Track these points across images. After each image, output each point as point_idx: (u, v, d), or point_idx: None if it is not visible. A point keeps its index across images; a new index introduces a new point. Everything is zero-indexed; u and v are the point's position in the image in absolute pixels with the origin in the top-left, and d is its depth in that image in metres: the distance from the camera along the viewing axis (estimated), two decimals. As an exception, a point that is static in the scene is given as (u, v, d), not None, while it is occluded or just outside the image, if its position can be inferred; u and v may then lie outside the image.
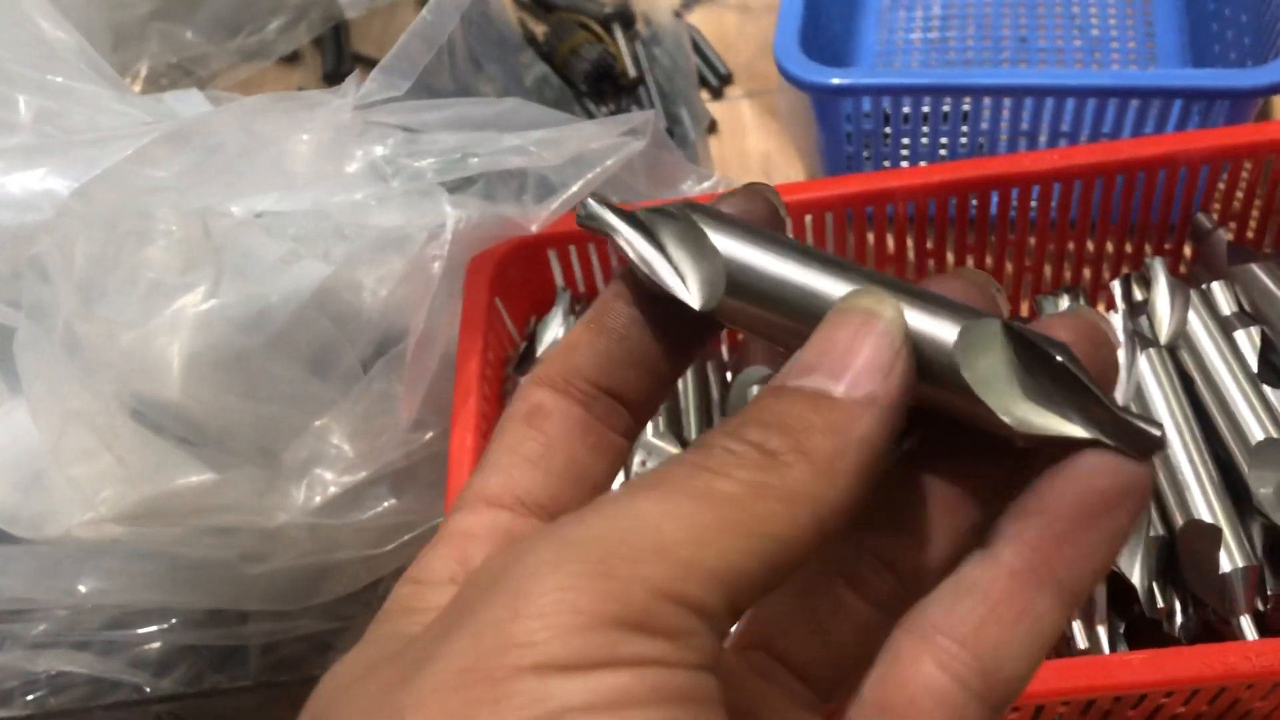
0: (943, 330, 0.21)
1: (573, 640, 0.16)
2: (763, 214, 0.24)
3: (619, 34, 0.87)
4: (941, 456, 0.22)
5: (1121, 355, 0.53)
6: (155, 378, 0.48)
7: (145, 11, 0.81)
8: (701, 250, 0.22)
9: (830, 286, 0.21)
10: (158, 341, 0.48)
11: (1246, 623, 0.46)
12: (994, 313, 0.22)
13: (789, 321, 0.22)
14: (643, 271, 0.23)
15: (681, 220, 0.23)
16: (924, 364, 0.21)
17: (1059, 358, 0.20)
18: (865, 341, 0.20)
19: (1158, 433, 0.20)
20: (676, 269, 0.23)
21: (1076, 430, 0.20)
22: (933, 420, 0.22)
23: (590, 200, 0.23)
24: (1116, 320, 0.55)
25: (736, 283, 0.22)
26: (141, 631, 0.53)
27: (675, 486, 0.18)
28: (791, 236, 0.24)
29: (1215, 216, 0.61)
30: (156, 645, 0.53)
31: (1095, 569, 0.20)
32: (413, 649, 0.18)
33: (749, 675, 0.22)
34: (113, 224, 0.48)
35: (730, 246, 0.22)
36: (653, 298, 0.23)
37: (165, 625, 0.53)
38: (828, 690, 0.22)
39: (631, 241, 0.23)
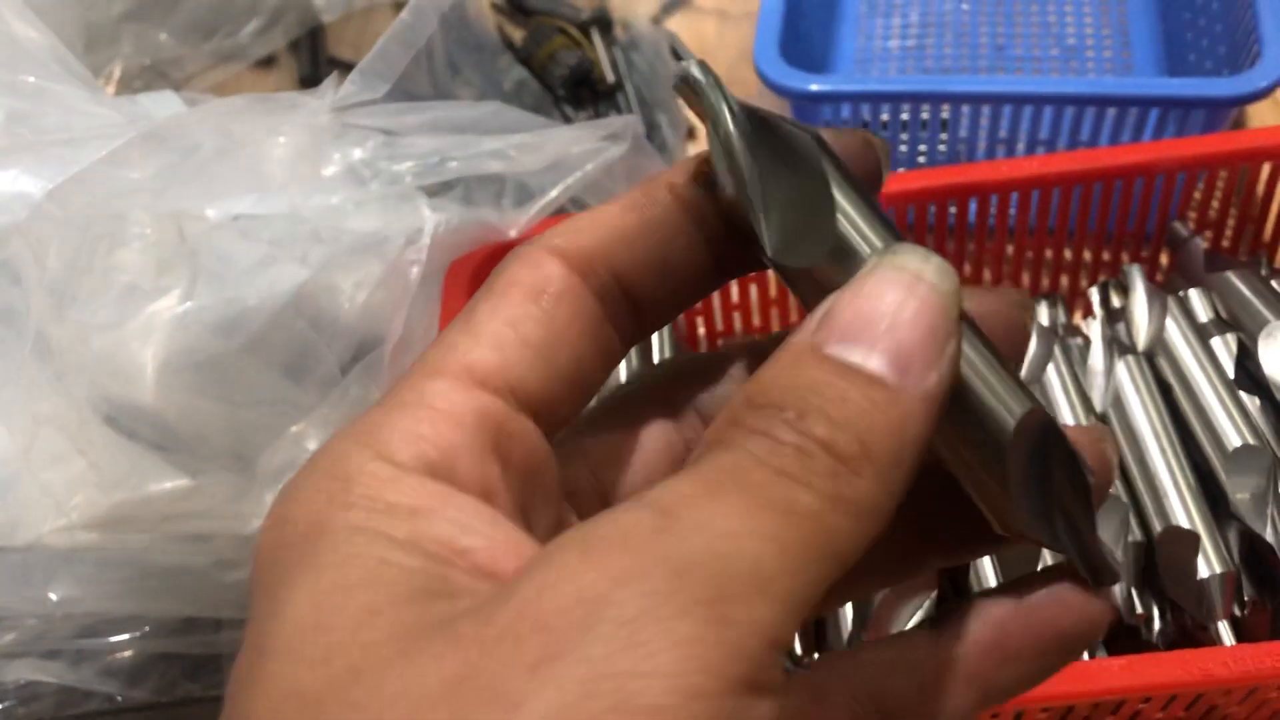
0: (1006, 409, 0.19)
1: (700, 709, 0.14)
2: (869, 169, 0.22)
3: (597, 39, 0.87)
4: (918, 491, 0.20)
5: (1100, 362, 0.53)
6: (128, 382, 0.48)
7: (118, 13, 0.80)
8: (812, 195, 0.19)
9: None
10: (131, 345, 0.48)
11: (1224, 628, 0.46)
12: (1023, 338, 0.22)
13: None
14: (723, 182, 0.20)
15: (803, 148, 0.19)
16: (993, 424, 0.19)
17: (1086, 476, 0.20)
18: (918, 314, 0.17)
19: (1117, 569, 0.21)
20: (769, 200, 0.19)
21: (1059, 546, 0.20)
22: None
23: (692, 63, 0.20)
24: (1095, 327, 0.55)
25: (835, 249, 0.19)
26: (113, 640, 0.52)
27: (760, 499, 0.16)
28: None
29: (1191, 224, 0.62)
30: (128, 654, 0.53)
31: (1020, 690, 0.21)
32: (487, 666, 0.15)
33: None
34: (86, 226, 0.47)
35: (846, 206, 0.19)
36: (713, 203, 0.20)
37: (138, 634, 0.52)
38: None
39: (730, 140, 0.20)
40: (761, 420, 0.17)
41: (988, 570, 0.48)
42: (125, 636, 0.52)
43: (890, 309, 0.17)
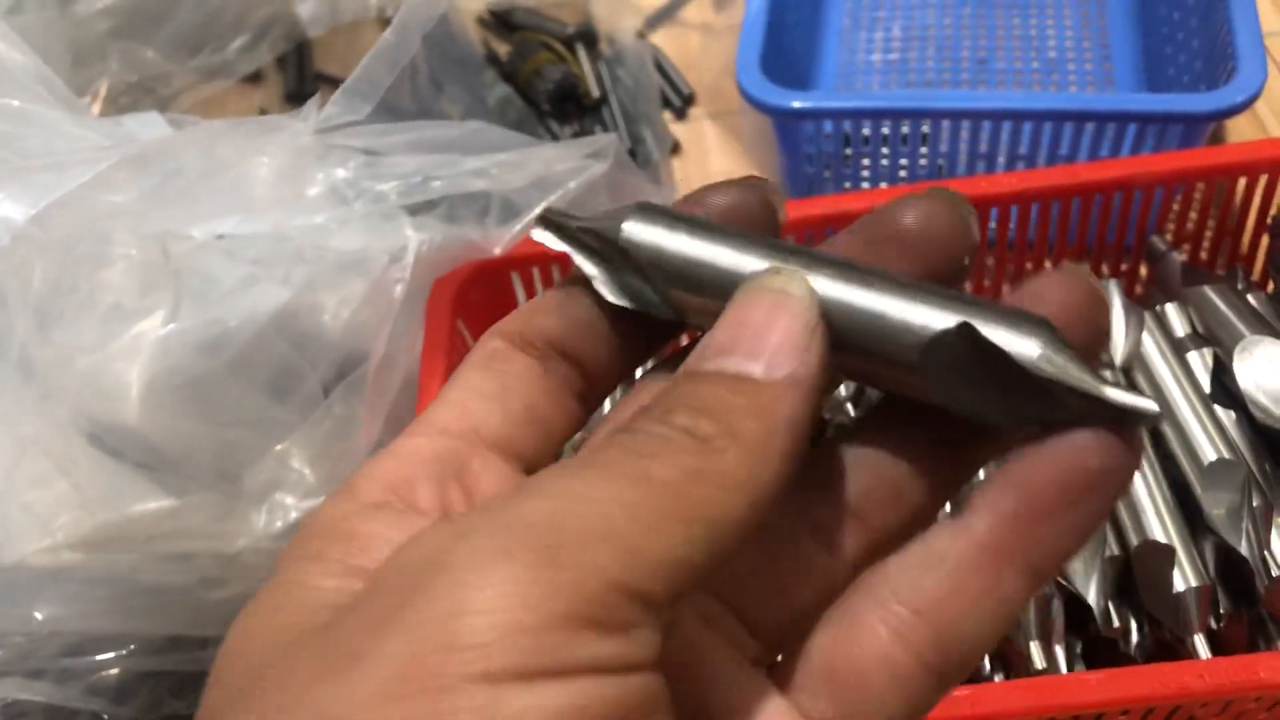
0: (922, 319, 0.20)
1: (524, 641, 0.15)
2: (757, 210, 0.23)
3: (582, 54, 0.87)
4: (919, 412, 0.21)
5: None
6: (113, 402, 0.48)
7: (105, 30, 0.80)
8: (654, 254, 0.21)
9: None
10: (116, 366, 0.48)
11: (1200, 642, 0.46)
12: (969, 242, 0.21)
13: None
14: (598, 289, 0.22)
15: (630, 221, 0.22)
16: (898, 352, 0.20)
17: (1039, 347, 0.19)
18: (779, 320, 0.19)
19: (1154, 409, 0.19)
20: (629, 282, 0.22)
21: (1063, 416, 0.19)
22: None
23: (541, 220, 0.23)
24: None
25: (693, 283, 0.21)
26: (99, 658, 0.52)
27: (613, 470, 0.17)
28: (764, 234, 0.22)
29: (1170, 238, 0.62)
30: (114, 672, 0.53)
31: (1068, 550, 0.20)
32: (339, 636, 0.16)
33: (693, 620, 0.21)
34: (70, 248, 0.47)
35: (687, 245, 0.21)
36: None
37: (123, 652, 0.53)
38: (776, 643, 0.21)
39: (581, 264, 0.22)
40: (628, 423, 0.19)
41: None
42: (111, 655, 0.53)
43: (755, 322, 0.19)
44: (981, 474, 0.23)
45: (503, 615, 0.15)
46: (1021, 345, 0.19)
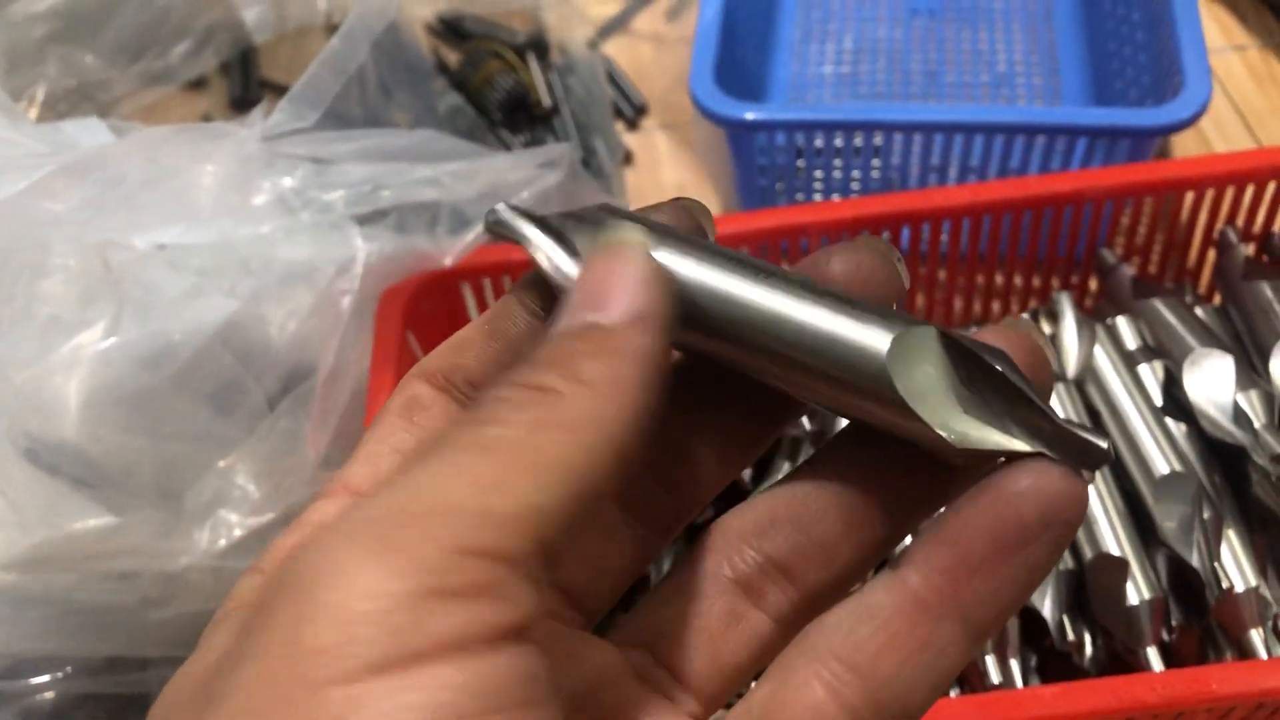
0: (873, 338, 0.19)
1: (370, 632, 0.15)
2: (688, 229, 0.23)
3: (533, 63, 0.87)
4: (855, 464, 0.21)
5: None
6: (51, 417, 0.47)
7: (43, 33, 0.78)
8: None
9: (752, 293, 0.20)
10: (54, 379, 0.47)
11: (1153, 654, 0.47)
12: (898, 288, 0.21)
13: (720, 333, 0.20)
14: (557, 280, 0.21)
15: (597, 224, 0.21)
16: (854, 375, 0.19)
17: (999, 367, 0.19)
18: (616, 269, 0.19)
19: (1104, 444, 0.19)
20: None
21: (1018, 444, 0.19)
22: (853, 430, 0.22)
23: (500, 206, 0.22)
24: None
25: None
26: (34, 681, 0.51)
27: (451, 446, 0.17)
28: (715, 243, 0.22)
29: (1119, 251, 0.63)
30: (50, 695, 0.51)
31: (1007, 604, 0.19)
32: (211, 682, 0.16)
33: (627, 676, 0.21)
34: (6, 258, 0.46)
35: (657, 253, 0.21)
36: (554, 308, 0.22)
37: (60, 674, 0.51)
38: (712, 700, 0.21)
39: (544, 249, 0.21)
40: (476, 397, 0.19)
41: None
42: (47, 678, 0.51)
43: (593, 276, 0.20)
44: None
45: (343, 611, 0.15)
46: (989, 357, 0.19)
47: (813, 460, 0.22)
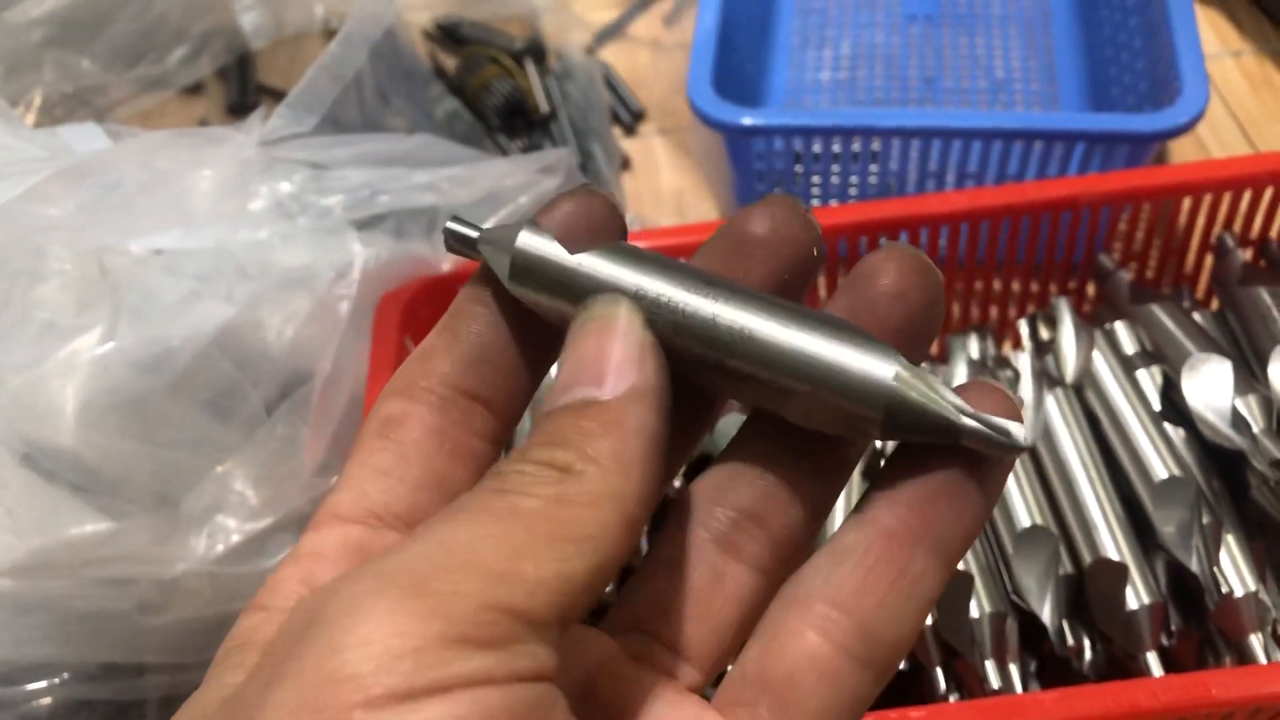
0: (874, 369, 0.21)
1: (401, 665, 0.16)
2: (601, 214, 0.23)
3: (531, 69, 0.87)
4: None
5: (1029, 394, 0.54)
6: (47, 423, 0.46)
7: (39, 39, 0.78)
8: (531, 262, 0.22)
9: (671, 291, 0.21)
10: (50, 385, 0.47)
11: (1153, 659, 0.46)
12: (813, 238, 0.23)
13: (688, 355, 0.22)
14: (520, 289, 0.22)
15: (516, 230, 0.22)
16: (858, 401, 0.21)
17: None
18: (610, 344, 0.20)
19: (1021, 434, 0.20)
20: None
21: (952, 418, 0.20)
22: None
23: (451, 224, 0.23)
24: (1024, 359, 0.56)
25: (567, 288, 0.22)
26: (31, 688, 0.50)
27: (480, 510, 0.18)
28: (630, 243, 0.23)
29: (1117, 257, 0.63)
30: (47, 701, 0.51)
31: (969, 528, 0.21)
32: (235, 704, 0.17)
33: (624, 662, 0.21)
34: (2, 263, 0.46)
35: (563, 255, 0.22)
36: (511, 301, 0.23)
37: (57, 680, 0.51)
38: (712, 665, 0.22)
39: (497, 262, 0.22)
40: (493, 469, 0.20)
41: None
42: (43, 684, 0.51)
43: (586, 351, 0.20)
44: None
45: (377, 645, 0.16)
46: (881, 369, 0.21)
47: (746, 432, 0.23)
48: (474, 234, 0.23)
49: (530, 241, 0.22)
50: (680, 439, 0.24)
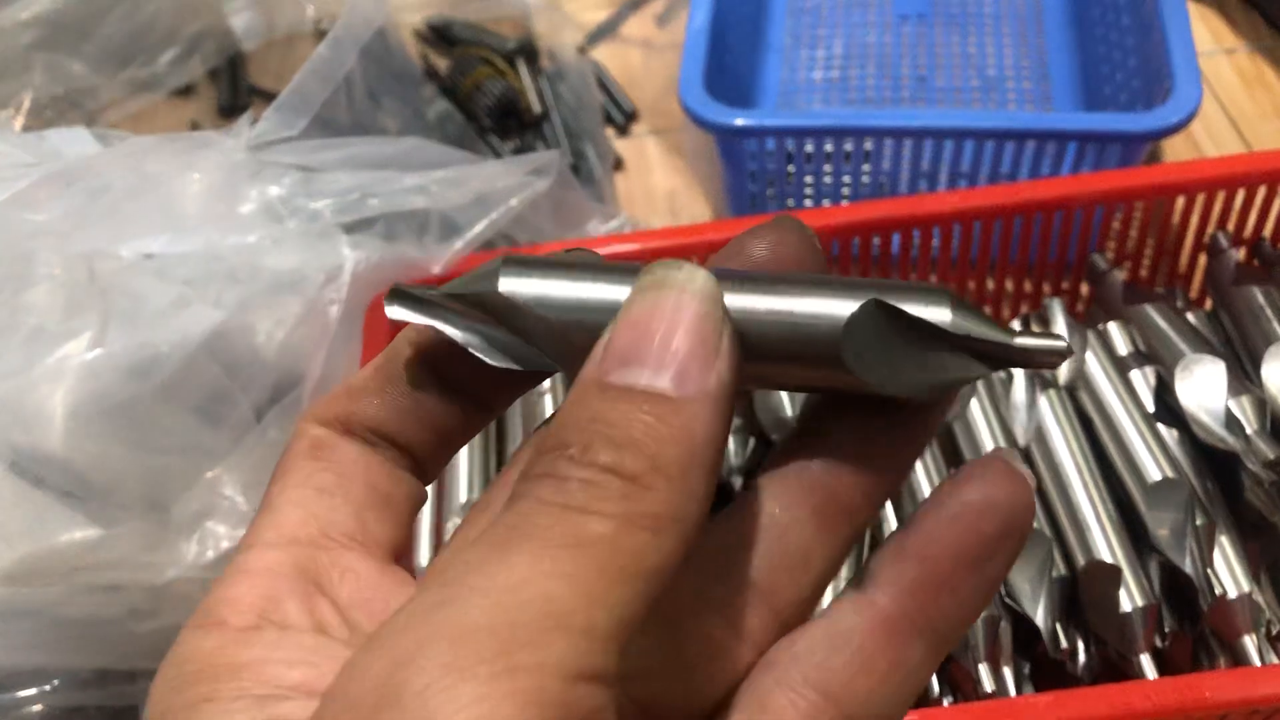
0: (843, 306, 0.19)
1: None
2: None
3: (523, 69, 0.86)
4: (816, 451, 0.21)
5: (1022, 396, 0.54)
6: (36, 428, 0.46)
7: (28, 41, 0.78)
8: (538, 304, 0.20)
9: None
10: (39, 390, 0.46)
11: (1146, 661, 0.46)
12: (820, 265, 0.21)
13: None
14: (476, 355, 0.21)
15: (505, 276, 0.20)
16: (817, 347, 0.19)
17: (940, 318, 0.20)
18: (683, 321, 0.18)
19: (1063, 344, 0.19)
20: (505, 341, 0.21)
21: (978, 368, 0.20)
22: (799, 430, 0.21)
23: (393, 296, 0.21)
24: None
25: (585, 324, 0.20)
26: (20, 695, 0.50)
27: (546, 538, 0.16)
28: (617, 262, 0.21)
29: (1110, 256, 0.63)
30: (37, 709, 0.51)
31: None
32: None
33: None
34: (-10, 268, 0.46)
35: (571, 287, 0.20)
36: (454, 352, 0.21)
37: (47, 688, 0.51)
38: None
39: (450, 333, 0.21)
40: (547, 463, 0.17)
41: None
42: (33, 691, 0.51)
43: (659, 325, 0.18)
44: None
45: None
46: (933, 313, 0.20)
47: (776, 458, 0.21)
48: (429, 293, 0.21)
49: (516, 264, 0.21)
50: None
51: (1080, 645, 0.48)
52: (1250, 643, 0.46)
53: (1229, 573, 0.47)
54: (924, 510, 0.20)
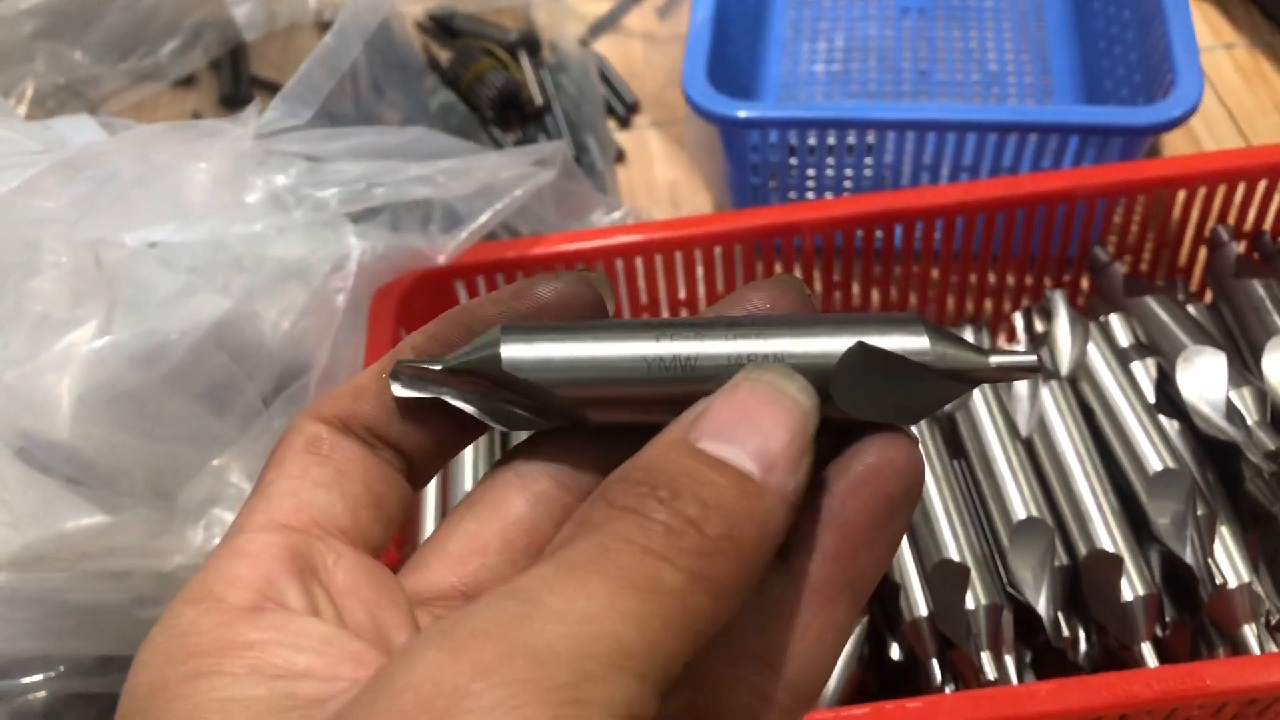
0: (832, 346, 0.21)
1: None
2: (586, 299, 0.23)
3: (525, 61, 0.87)
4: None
5: (1024, 387, 0.54)
6: (43, 416, 0.46)
7: (31, 30, 0.78)
8: (543, 369, 0.21)
9: (646, 348, 0.21)
10: (46, 378, 0.46)
11: (1147, 649, 0.47)
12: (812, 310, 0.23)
13: (646, 403, 0.21)
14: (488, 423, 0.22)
15: (506, 346, 0.21)
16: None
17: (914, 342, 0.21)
18: (785, 426, 0.19)
19: (1034, 360, 0.21)
20: (506, 408, 0.22)
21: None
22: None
23: (395, 376, 0.22)
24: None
25: (596, 382, 0.21)
26: (25, 681, 0.50)
27: (624, 578, 0.17)
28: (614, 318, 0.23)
29: (1111, 249, 0.63)
30: (42, 695, 0.51)
31: (881, 569, 0.21)
32: None
33: None
34: (-3, 256, 0.46)
35: (573, 349, 0.21)
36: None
37: (52, 674, 0.51)
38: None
39: (458, 404, 0.22)
40: (634, 498, 0.18)
41: (917, 595, 0.48)
42: (38, 677, 0.51)
43: (761, 415, 0.19)
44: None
45: None
46: (911, 342, 0.21)
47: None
48: (435, 365, 0.22)
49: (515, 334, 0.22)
50: None
51: (1081, 634, 0.49)
52: (1250, 632, 0.46)
53: (1229, 563, 0.48)
54: (831, 476, 0.21)
